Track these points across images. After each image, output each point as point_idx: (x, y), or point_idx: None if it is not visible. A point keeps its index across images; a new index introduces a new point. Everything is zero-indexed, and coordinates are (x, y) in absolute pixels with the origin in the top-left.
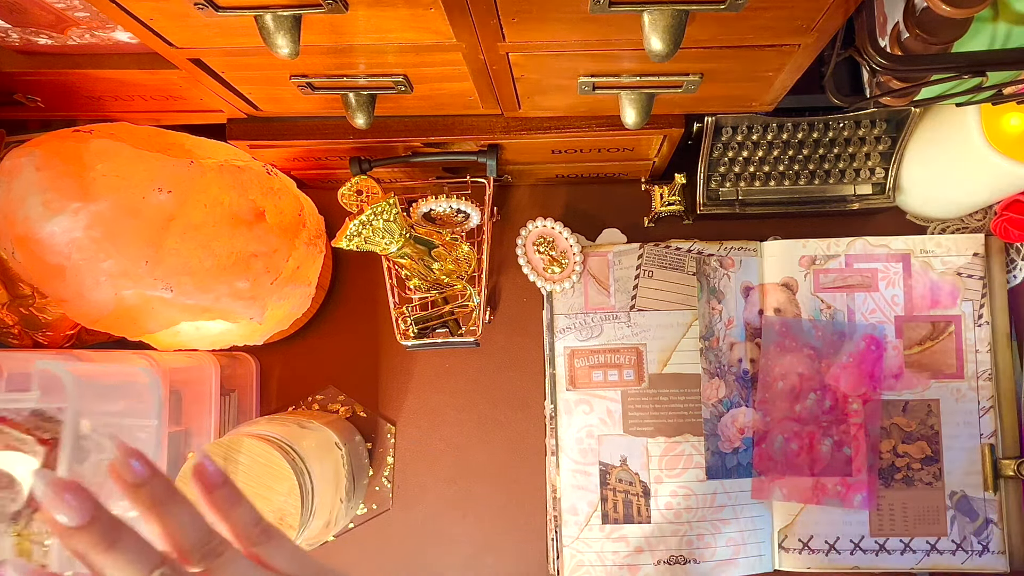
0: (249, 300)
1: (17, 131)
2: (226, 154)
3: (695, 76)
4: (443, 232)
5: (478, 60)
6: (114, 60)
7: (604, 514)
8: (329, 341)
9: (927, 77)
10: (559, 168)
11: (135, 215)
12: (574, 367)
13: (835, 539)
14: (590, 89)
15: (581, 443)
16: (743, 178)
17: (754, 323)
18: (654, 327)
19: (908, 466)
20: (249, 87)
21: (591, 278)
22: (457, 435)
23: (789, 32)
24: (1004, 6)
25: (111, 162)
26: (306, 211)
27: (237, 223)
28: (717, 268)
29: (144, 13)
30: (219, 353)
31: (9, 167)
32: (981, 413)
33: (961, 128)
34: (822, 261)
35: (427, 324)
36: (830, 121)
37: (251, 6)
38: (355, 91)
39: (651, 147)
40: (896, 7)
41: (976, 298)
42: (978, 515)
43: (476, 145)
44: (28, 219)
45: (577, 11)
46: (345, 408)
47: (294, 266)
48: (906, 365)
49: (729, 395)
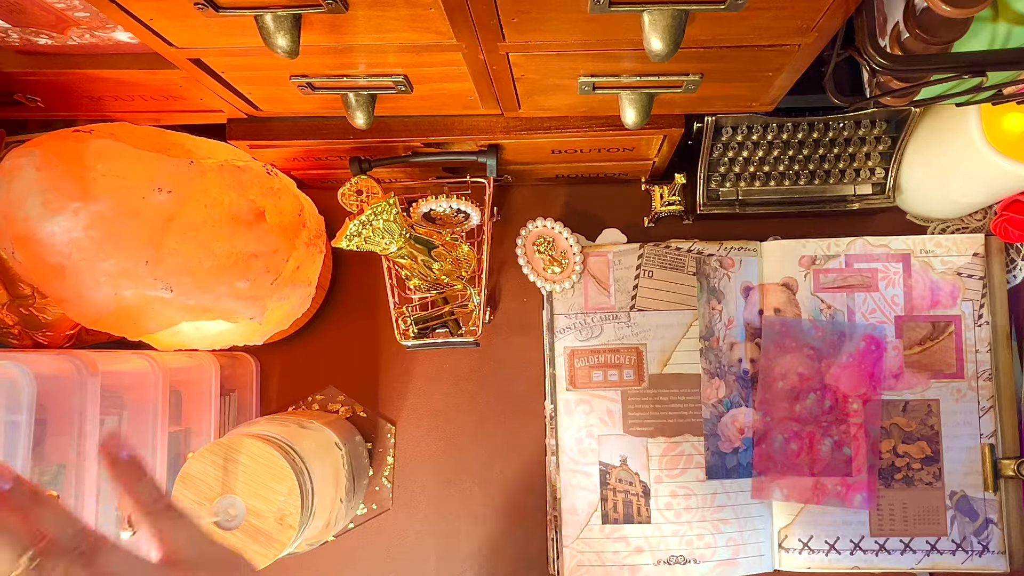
0: (249, 300)
1: (17, 131)
2: (226, 154)
3: (695, 76)
4: (443, 232)
5: (478, 60)
6: (114, 60)
7: (604, 514)
8: (329, 341)
9: (927, 77)
10: (559, 168)
11: (135, 215)
12: (574, 367)
13: (835, 539)
14: (590, 89)
15: (581, 443)
16: (743, 178)
17: (754, 323)
18: (654, 327)
19: (908, 466)
20: (249, 87)
21: (591, 278)
22: (457, 435)
23: (789, 32)
24: (1004, 6)
25: (111, 162)
26: (306, 211)
27: (237, 223)
28: (717, 268)
29: (144, 13)
30: (219, 353)
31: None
32: (981, 413)
33: (961, 128)
34: (822, 261)
35: (427, 324)
36: (830, 121)
37: (251, 6)
38: (355, 91)
39: (651, 147)
40: (896, 7)
41: (976, 298)
42: (978, 515)
43: (476, 145)
44: (28, 219)
45: (577, 11)
46: (345, 408)
47: (294, 266)
48: (906, 365)
49: (729, 395)
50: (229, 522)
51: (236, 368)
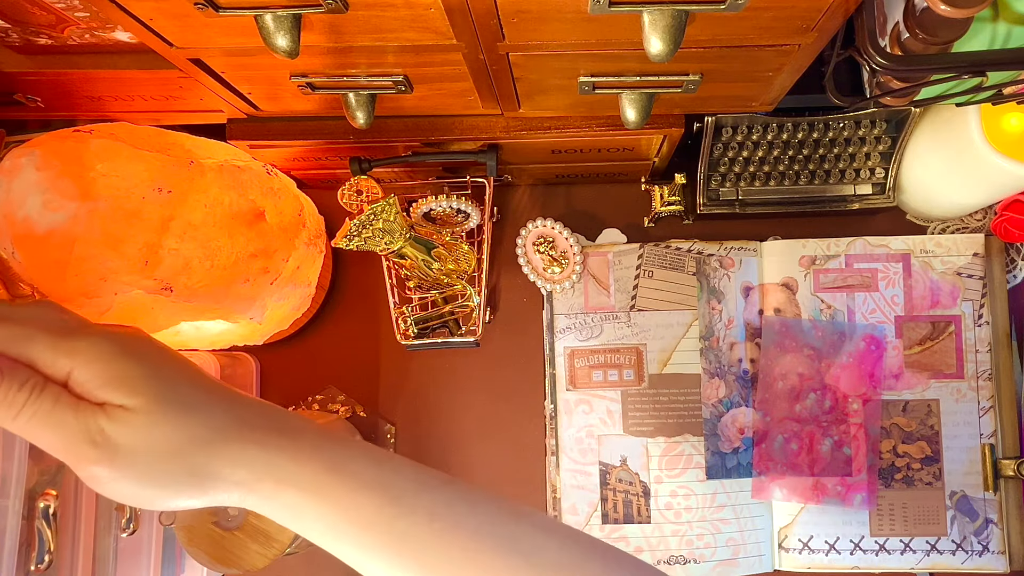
0: (249, 300)
1: (17, 131)
2: (226, 154)
3: (695, 76)
4: (443, 232)
5: (478, 60)
6: (114, 60)
7: (604, 514)
8: (329, 341)
9: (927, 77)
10: (559, 168)
11: (135, 215)
12: (574, 367)
13: (835, 539)
14: (590, 89)
15: (581, 443)
16: (743, 178)
17: (754, 323)
18: (654, 327)
19: (908, 466)
20: (249, 87)
21: (591, 278)
22: (457, 435)
23: (789, 32)
24: (1004, 6)
25: (111, 162)
26: (306, 211)
27: (237, 223)
28: (717, 268)
29: (144, 13)
30: (219, 353)
31: (9, 167)
32: (981, 413)
33: (961, 128)
34: (822, 261)
35: (427, 324)
36: (830, 121)
37: (251, 6)
38: (355, 91)
39: (651, 147)
40: (896, 7)
41: (976, 298)
42: (978, 515)
43: (476, 145)
44: (28, 219)
45: (577, 11)
46: (345, 408)
47: (294, 266)
48: (906, 365)
49: (729, 395)
50: (229, 522)
51: (236, 368)
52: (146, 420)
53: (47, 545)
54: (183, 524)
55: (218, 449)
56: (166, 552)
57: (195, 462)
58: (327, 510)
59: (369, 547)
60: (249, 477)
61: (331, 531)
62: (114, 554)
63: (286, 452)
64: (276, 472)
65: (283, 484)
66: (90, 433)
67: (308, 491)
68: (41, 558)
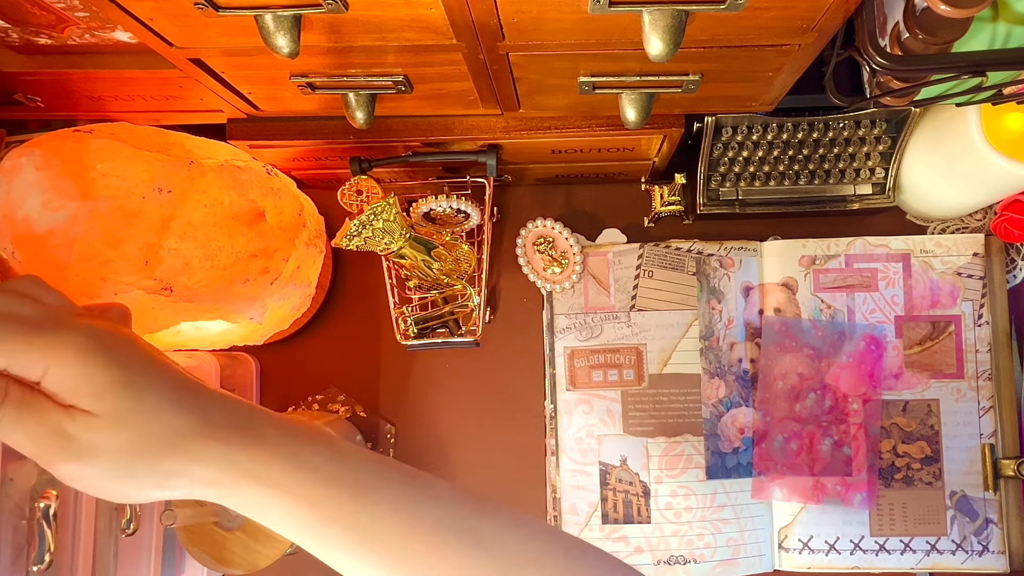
0: (249, 300)
1: (17, 131)
2: (226, 154)
3: (695, 76)
4: (443, 232)
5: (478, 60)
6: (114, 59)
7: (604, 514)
8: (329, 341)
9: (927, 77)
10: (559, 168)
11: (135, 215)
12: (574, 367)
13: (835, 539)
14: (590, 89)
15: (581, 443)
16: (743, 178)
17: (754, 323)
18: (654, 327)
19: (908, 466)
20: (249, 87)
21: (591, 278)
22: (457, 435)
23: (789, 32)
24: (1004, 6)
25: (111, 162)
26: (306, 211)
27: (237, 223)
28: (717, 268)
29: (144, 13)
30: (219, 353)
31: (9, 167)
32: (981, 413)
33: (961, 128)
34: (822, 261)
35: (427, 324)
36: (830, 121)
37: (251, 6)
38: (355, 91)
39: (651, 147)
40: (896, 7)
41: (976, 298)
42: (978, 515)
43: (476, 145)
44: (28, 219)
45: (577, 11)
46: (345, 408)
47: (294, 266)
48: (906, 365)
49: (729, 395)
50: (230, 522)
51: (236, 368)
52: (111, 425)
53: (47, 545)
54: (184, 524)
55: (182, 448)
56: (166, 552)
57: (159, 461)
58: (290, 505)
59: (333, 541)
60: (211, 474)
61: (295, 525)
62: (114, 554)
63: (248, 449)
64: (237, 468)
65: (245, 480)
66: (56, 436)
67: (270, 486)
68: (41, 558)
